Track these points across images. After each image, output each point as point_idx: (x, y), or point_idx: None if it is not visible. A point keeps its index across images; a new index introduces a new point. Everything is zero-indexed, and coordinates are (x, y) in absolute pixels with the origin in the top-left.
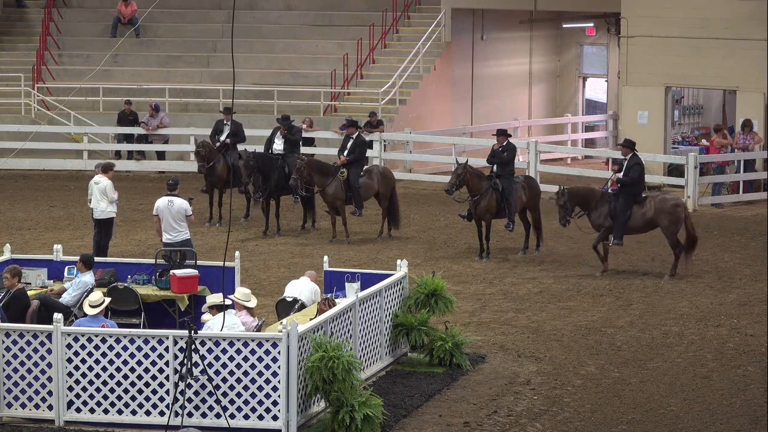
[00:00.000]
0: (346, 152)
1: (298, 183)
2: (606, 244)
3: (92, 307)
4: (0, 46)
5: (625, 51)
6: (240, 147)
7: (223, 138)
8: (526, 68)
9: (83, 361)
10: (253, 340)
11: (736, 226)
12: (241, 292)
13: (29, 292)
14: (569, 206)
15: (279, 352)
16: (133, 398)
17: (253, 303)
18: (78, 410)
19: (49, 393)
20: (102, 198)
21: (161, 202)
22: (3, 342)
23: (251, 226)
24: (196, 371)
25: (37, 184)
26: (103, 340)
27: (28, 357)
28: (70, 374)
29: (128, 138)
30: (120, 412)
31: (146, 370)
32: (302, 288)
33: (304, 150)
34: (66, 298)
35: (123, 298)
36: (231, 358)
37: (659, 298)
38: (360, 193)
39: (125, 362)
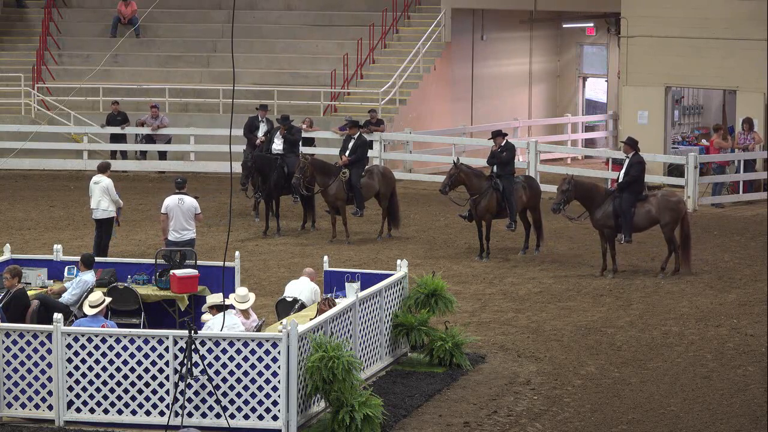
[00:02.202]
0: (347, 153)
1: (301, 182)
2: (604, 246)
3: (92, 307)
4: (0, 46)
5: (625, 51)
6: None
7: (260, 135)
8: (526, 68)
9: (83, 361)
10: (253, 340)
11: (736, 226)
12: (238, 293)
13: (29, 292)
14: (570, 196)
15: (279, 352)
16: (133, 398)
17: (248, 304)
18: (78, 410)
19: (49, 393)
20: (103, 197)
21: (171, 201)
22: (3, 342)
23: (251, 226)
24: (196, 371)
25: (37, 184)
26: (103, 340)
27: (28, 357)
28: (70, 374)
29: (120, 138)
30: (120, 412)
31: (146, 370)
32: (302, 288)
33: (303, 150)
34: (66, 297)
35: (123, 298)
36: (231, 358)
37: (659, 298)
38: (361, 193)
39: (125, 362)
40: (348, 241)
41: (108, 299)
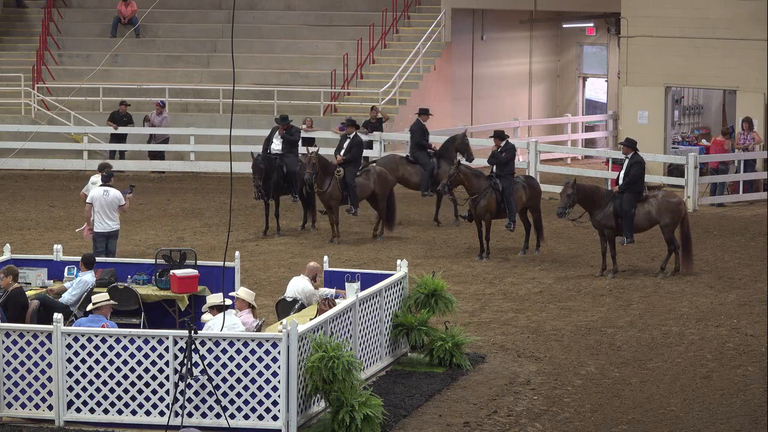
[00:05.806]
0: (342, 152)
1: (314, 178)
2: (604, 246)
3: (93, 304)
4: (0, 46)
5: (625, 51)
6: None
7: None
8: (526, 68)
9: (83, 361)
10: (253, 340)
11: (736, 226)
12: (244, 291)
13: (29, 293)
14: (575, 200)
15: (279, 352)
16: (133, 398)
17: (254, 302)
18: (78, 410)
19: (49, 393)
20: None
21: (96, 192)
22: (3, 342)
23: (251, 225)
24: (196, 371)
25: (37, 184)
26: (103, 340)
27: (28, 357)
28: (70, 374)
29: (121, 138)
30: (120, 412)
31: (146, 370)
32: (296, 287)
33: (304, 151)
34: (66, 297)
35: (123, 298)
36: (231, 358)
37: (659, 298)
38: (356, 192)
39: (125, 362)
40: (337, 241)
41: (112, 301)
